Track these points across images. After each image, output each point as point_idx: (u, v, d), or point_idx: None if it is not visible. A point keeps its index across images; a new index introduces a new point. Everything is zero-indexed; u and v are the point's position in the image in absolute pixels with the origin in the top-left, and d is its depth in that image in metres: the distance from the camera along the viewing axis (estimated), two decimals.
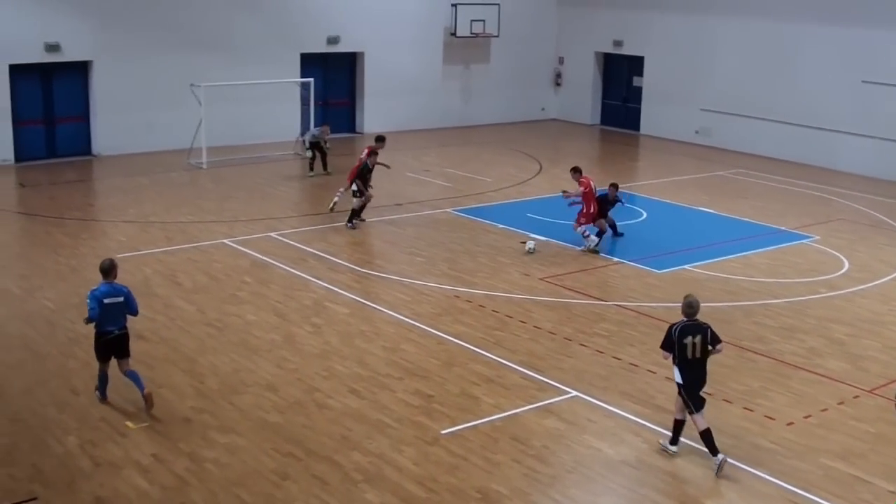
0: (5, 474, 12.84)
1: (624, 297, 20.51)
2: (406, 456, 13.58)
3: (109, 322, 14.83)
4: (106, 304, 14.71)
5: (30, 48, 32.19)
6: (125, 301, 14.91)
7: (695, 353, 13.57)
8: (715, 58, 38.54)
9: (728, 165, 35.12)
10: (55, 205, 27.06)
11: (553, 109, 45.77)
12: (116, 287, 14.91)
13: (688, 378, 13.61)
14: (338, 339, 17.87)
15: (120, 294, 14.87)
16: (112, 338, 14.90)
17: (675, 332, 13.58)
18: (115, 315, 14.86)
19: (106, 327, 14.83)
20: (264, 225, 25.39)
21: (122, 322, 14.96)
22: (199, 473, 12.99)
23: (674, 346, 13.57)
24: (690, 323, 13.66)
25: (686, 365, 13.60)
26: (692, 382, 13.64)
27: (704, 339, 13.63)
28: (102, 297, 14.69)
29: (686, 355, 13.56)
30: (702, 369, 13.72)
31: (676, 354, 13.58)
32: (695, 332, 13.58)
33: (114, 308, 14.81)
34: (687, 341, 13.53)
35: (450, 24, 41.20)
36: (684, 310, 13.80)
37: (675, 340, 13.55)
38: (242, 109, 35.21)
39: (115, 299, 14.79)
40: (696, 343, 13.56)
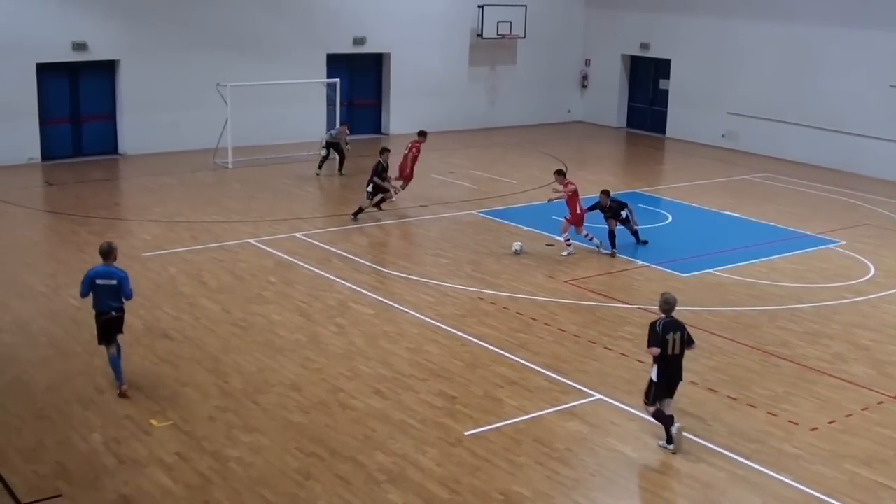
0: (30, 471, 12.89)
1: (649, 300, 20.34)
2: (429, 457, 13.58)
3: (106, 302, 15.19)
4: (98, 285, 15.07)
5: (57, 47, 32.34)
6: (118, 284, 15.14)
7: (674, 349, 13.91)
8: (742, 61, 38.36)
9: (754, 169, 34.98)
10: (81, 203, 27.19)
11: (579, 112, 45.68)
12: (111, 270, 15.17)
13: (665, 374, 13.95)
14: (362, 339, 17.88)
15: (114, 277, 15.13)
16: (109, 318, 15.26)
17: (660, 329, 13.83)
18: (109, 297, 15.16)
19: (103, 307, 15.21)
20: (289, 225, 25.43)
21: (118, 304, 15.26)
22: (223, 472, 13.01)
23: (660, 342, 13.82)
24: (670, 320, 13.95)
25: (665, 361, 13.91)
26: (670, 378, 14.02)
27: (682, 337, 13.96)
28: (95, 278, 15.07)
29: (667, 352, 13.86)
30: (679, 365, 14.09)
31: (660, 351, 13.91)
32: (675, 329, 13.92)
33: (107, 290, 15.12)
34: (669, 338, 13.84)
35: (476, 26, 41.15)
36: (662, 307, 14.06)
37: (660, 337, 13.79)
38: (269, 109, 35.28)
39: (108, 281, 15.09)
40: (677, 340, 13.90)
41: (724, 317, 19.56)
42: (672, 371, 14.02)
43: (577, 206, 23.49)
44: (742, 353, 17.70)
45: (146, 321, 18.45)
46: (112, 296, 15.19)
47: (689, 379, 16.15)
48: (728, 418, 15.04)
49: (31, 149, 32.44)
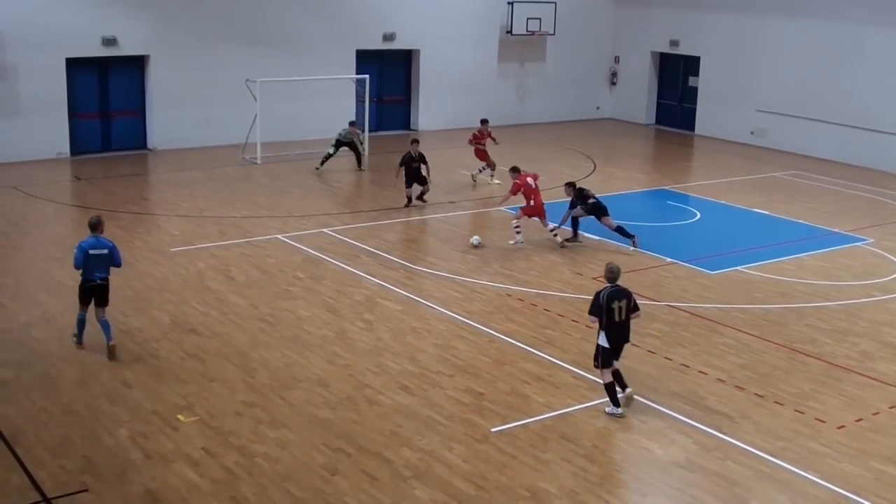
0: (57, 466, 12.92)
1: (676, 297, 20.38)
2: (456, 453, 13.56)
3: (94, 271, 16.56)
4: (91, 255, 16.49)
5: (87, 42, 32.48)
6: (109, 253, 16.63)
7: (620, 315, 14.66)
8: (771, 58, 38.16)
9: (783, 167, 34.78)
10: (110, 198, 27.32)
11: (608, 109, 45.58)
12: (102, 241, 16.65)
13: (613, 340, 14.71)
14: (389, 335, 17.88)
15: (104, 247, 16.63)
16: (94, 285, 16.63)
17: (603, 298, 14.61)
18: (99, 266, 16.58)
19: (90, 276, 16.57)
20: (317, 221, 25.46)
21: (105, 274, 16.66)
22: (249, 467, 13.02)
23: (602, 311, 14.56)
24: (615, 288, 14.74)
25: (612, 328, 14.66)
26: (617, 343, 14.82)
27: (628, 304, 14.74)
28: (88, 249, 16.49)
29: (613, 318, 14.62)
30: (626, 330, 14.88)
31: (604, 319, 14.59)
32: (620, 296, 14.69)
33: (99, 259, 16.55)
34: (614, 306, 14.60)
35: (506, 22, 41.10)
36: (607, 276, 14.90)
37: (602, 306, 14.55)
38: (298, 105, 35.31)
39: (99, 251, 16.56)
40: (622, 307, 14.66)
41: (751, 314, 19.48)
42: (618, 336, 14.77)
43: (530, 199, 23.75)
44: (769, 351, 17.62)
45: (174, 316, 18.51)
46: (101, 265, 16.59)
47: (717, 376, 16.35)
48: (755, 416, 14.96)
49: (60, 143, 32.61)
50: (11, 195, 27.54)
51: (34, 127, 31.69)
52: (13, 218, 25.21)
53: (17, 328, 17.78)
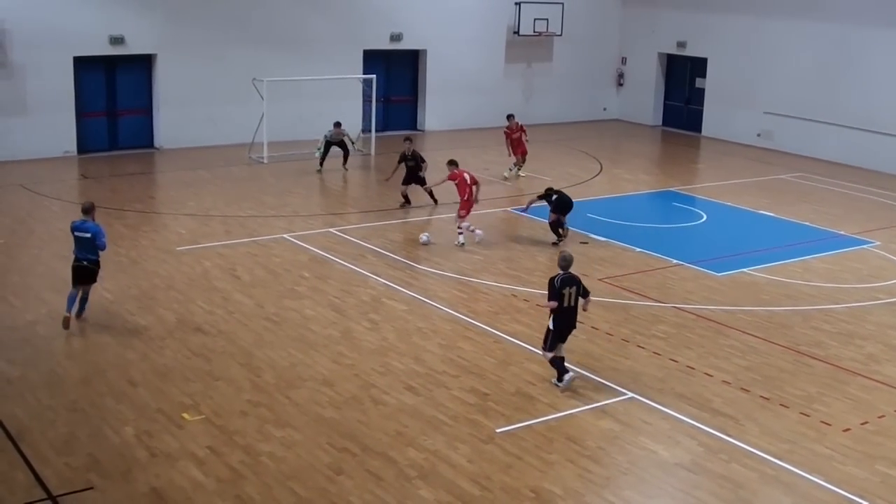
0: (62, 463, 12.94)
1: (682, 299, 20.36)
2: (461, 453, 13.55)
3: (79, 251, 17.67)
4: (75, 236, 17.62)
5: (94, 41, 32.54)
6: (92, 237, 17.49)
7: (570, 301, 15.65)
8: (778, 60, 38.12)
9: (790, 169, 34.74)
10: (116, 197, 27.33)
11: (615, 110, 45.57)
12: (86, 224, 17.57)
13: (561, 324, 15.69)
14: (395, 335, 17.87)
15: (87, 231, 17.52)
16: (80, 266, 17.68)
17: (558, 284, 15.55)
18: (83, 247, 17.59)
19: (77, 255, 17.70)
20: (324, 220, 25.49)
21: (91, 255, 17.65)
22: (255, 466, 13.03)
23: (557, 296, 15.50)
24: (567, 275, 15.67)
25: (562, 312, 15.62)
26: (566, 327, 15.78)
27: (578, 290, 15.71)
28: (74, 230, 17.68)
29: (563, 304, 15.57)
30: (574, 315, 15.83)
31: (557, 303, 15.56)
32: (571, 283, 15.66)
33: (82, 241, 17.58)
34: (566, 291, 15.57)
35: (513, 23, 41.09)
36: (560, 263, 15.78)
37: (557, 292, 15.49)
38: (304, 105, 35.28)
39: (82, 234, 17.55)
40: (573, 293, 15.65)
41: (757, 316, 19.46)
42: (567, 320, 15.73)
43: (464, 194, 23.87)
44: (775, 353, 17.59)
45: (179, 315, 18.51)
46: (86, 247, 17.58)
47: (722, 378, 16.35)
48: (760, 418, 14.95)
49: (67, 142, 32.67)
50: (18, 193, 27.61)
51: (41, 125, 31.75)
52: (20, 216, 25.25)
53: (23, 326, 17.78)
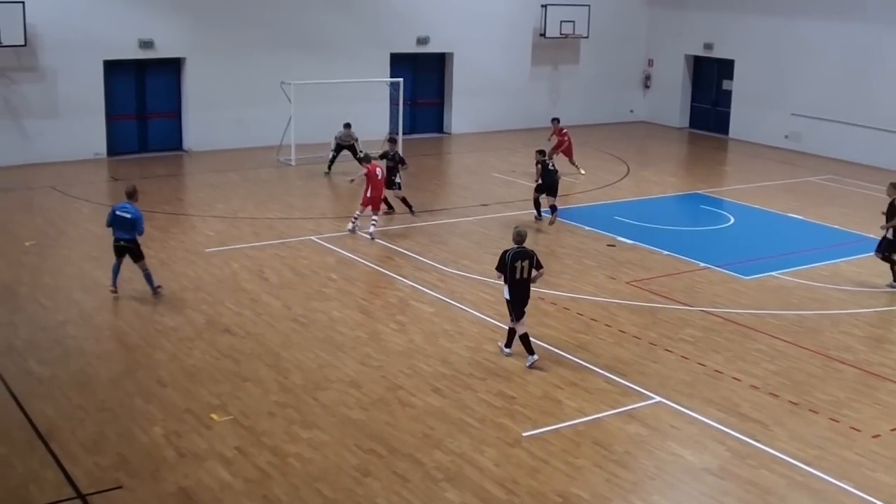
0: (91, 463, 13.05)
1: (710, 302, 20.27)
2: (487, 456, 13.55)
3: (118, 231, 19.02)
4: (117, 216, 18.95)
5: (124, 44, 32.72)
6: (132, 220, 18.84)
7: (522, 274, 16.57)
8: (807, 61, 37.88)
9: (818, 171, 34.53)
10: (145, 199, 26.73)
11: (641, 111, 45.40)
12: (128, 207, 18.95)
13: (515, 295, 16.62)
14: (422, 337, 17.88)
15: (128, 212, 18.89)
16: (118, 245, 19.09)
17: (508, 258, 16.54)
18: (123, 227, 18.93)
19: (115, 235, 19.08)
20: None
21: (129, 235, 18.95)
22: (282, 467, 13.08)
23: (507, 269, 16.48)
24: (520, 250, 16.61)
25: (515, 284, 16.58)
26: (518, 298, 16.66)
27: (531, 263, 16.65)
28: (115, 210, 19.07)
29: (516, 276, 16.52)
30: (526, 288, 16.76)
31: (508, 276, 16.52)
32: (524, 257, 16.60)
33: (122, 221, 18.92)
34: (518, 265, 16.51)
35: (539, 25, 41.01)
36: (514, 238, 16.72)
37: (508, 264, 16.46)
38: (332, 108, 35.14)
39: (123, 214, 18.90)
40: (525, 266, 16.57)
41: (785, 320, 19.36)
42: (521, 292, 16.65)
43: (369, 189, 24.18)
44: (804, 358, 17.49)
45: (208, 316, 18.61)
46: (123, 227, 18.93)
47: (751, 383, 16.27)
48: (789, 423, 14.88)
49: (97, 144, 32.85)
50: (49, 195, 27.84)
51: (72, 128, 31.97)
52: (51, 217, 25.44)
53: (54, 326, 17.92)
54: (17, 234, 23.89)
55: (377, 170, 24.24)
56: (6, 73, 31.00)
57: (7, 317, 18.36)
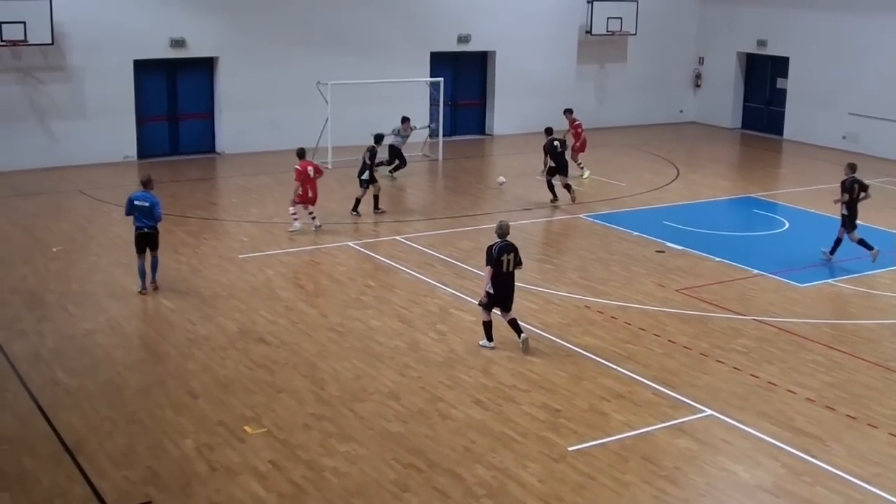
0: (121, 476, 12.92)
1: (764, 311, 19.88)
2: (531, 472, 13.33)
3: (140, 220, 19.75)
4: (136, 205, 19.74)
5: (155, 43, 32.63)
6: (151, 207, 19.69)
7: (508, 267, 17.13)
8: (865, 58, 37.29)
9: (877, 173, 33.73)
10: (177, 203, 27.33)
11: (692, 112, 44.93)
12: (147, 195, 19.79)
13: (501, 288, 17.13)
14: (463, 347, 17.65)
15: (147, 201, 19.74)
16: (141, 233, 19.78)
17: (495, 251, 17.04)
18: (143, 215, 19.70)
19: (138, 223, 19.79)
20: (390, 228, 25.33)
21: (150, 223, 19.75)
22: (318, 482, 12.92)
23: (494, 262, 16.99)
24: (505, 243, 17.13)
25: (500, 278, 17.07)
26: (504, 292, 17.18)
27: (516, 257, 17.19)
28: (134, 199, 19.80)
29: (503, 269, 17.06)
30: (512, 280, 17.30)
31: (494, 269, 17.01)
32: (509, 251, 17.15)
33: (142, 209, 19.69)
34: (504, 258, 17.04)
35: (585, 22, 40.67)
36: (497, 232, 17.28)
37: (495, 257, 16.98)
38: (370, 109, 34.97)
39: (143, 203, 19.71)
40: (511, 259, 17.13)
41: (843, 330, 18.99)
42: (505, 285, 17.18)
43: (306, 188, 24.15)
44: (862, 370, 17.10)
45: (241, 324, 18.49)
46: (145, 215, 19.68)
47: (806, 395, 16.02)
48: (847, 439, 14.53)
49: (127, 147, 32.77)
50: (77, 199, 27.85)
51: (101, 130, 31.91)
52: (79, 222, 25.45)
53: (82, 335, 17.86)
54: (44, 239, 23.87)
55: (309, 168, 24.09)
56: (33, 72, 30.93)
57: (34, 325, 18.30)
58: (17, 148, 30.73)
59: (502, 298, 17.19)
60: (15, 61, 30.39)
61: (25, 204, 27.04)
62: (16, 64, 30.43)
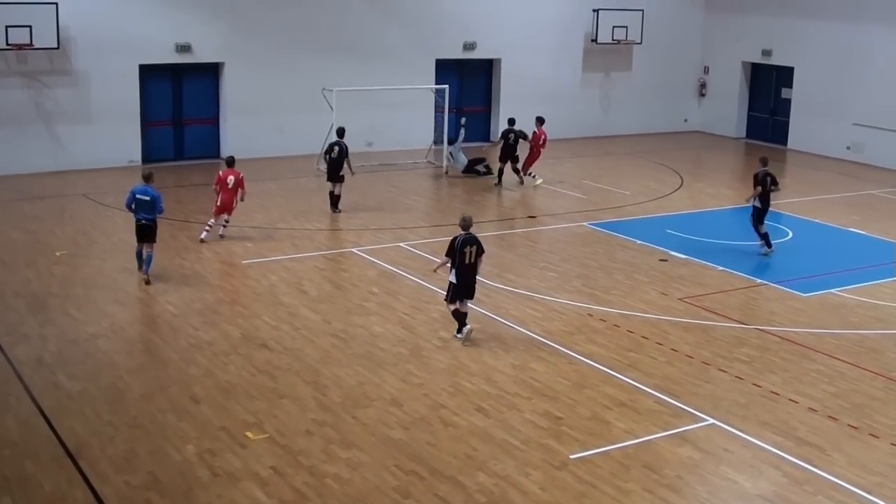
0: (122, 481, 12.85)
1: (766, 320, 19.83)
2: (532, 479, 13.25)
3: (140, 212, 20.48)
4: (138, 199, 20.48)
5: (161, 48, 32.60)
6: (152, 200, 20.47)
7: (470, 259, 17.74)
8: (869, 69, 37.22)
9: (881, 184, 33.92)
10: (181, 208, 27.31)
11: (696, 121, 44.85)
12: (148, 189, 20.52)
13: (461, 279, 17.75)
14: (465, 354, 17.56)
15: (148, 195, 20.49)
16: (140, 224, 20.55)
17: (458, 244, 17.67)
18: (143, 208, 20.45)
19: (137, 216, 20.55)
20: (394, 234, 25.25)
21: (149, 216, 20.50)
22: (319, 489, 12.83)
23: (455, 254, 17.62)
24: (468, 235, 17.78)
25: (462, 269, 17.72)
26: (466, 282, 17.83)
27: (478, 249, 17.82)
28: (136, 193, 20.54)
29: (464, 261, 17.70)
30: (473, 272, 17.93)
31: (456, 261, 17.67)
32: (471, 243, 17.78)
33: (143, 203, 20.43)
34: (466, 250, 17.68)
35: (590, 31, 40.59)
36: (461, 224, 17.88)
37: (457, 249, 17.62)
38: (375, 115, 34.99)
39: (144, 197, 20.47)
40: (473, 252, 17.74)
41: (846, 340, 18.89)
42: (467, 276, 17.82)
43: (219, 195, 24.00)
44: (865, 380, 17.01)
45: (244, 330, 18.41)
46: (145, 208, 20.42)
47: (808, 405, 15.92)
48: (849, 448, 14.46)
49: (132, 151, 32.69)
50: (81, 203, 27.80)
51: (106, 134, 31.88)
52: (82, 226, 25.38)
53: (85, 339, 17.79)
54: (47, 243, 23.81)
55: (229, 177, 24.02)
56: (38, 76, 30.91)
57: (37, 329, 18.23)
58: (22, 152, 30.72)
59: (464, 288, 17.85)
60: (21, 65, 30.36)
61: (30, 208, 27.01)
62: (21, 68, 30.41)
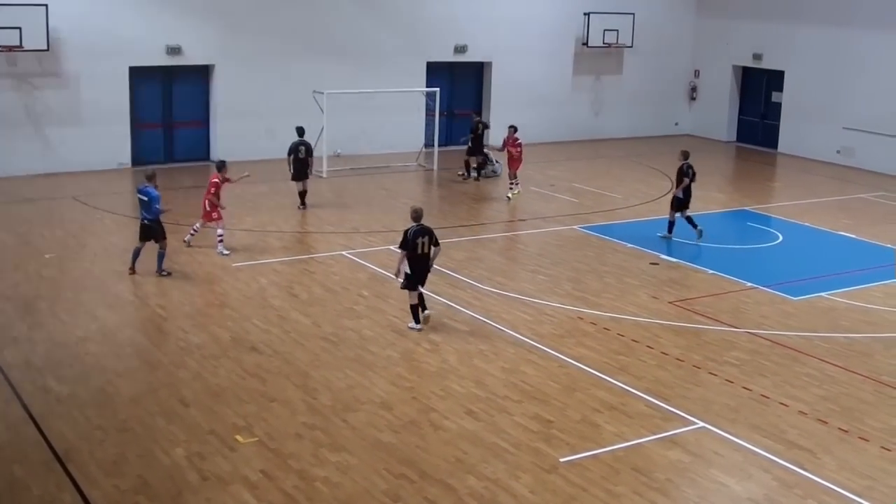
0: (111, 485, 12.81)
1: (757, 324, 19.82)
2: (522, 483, 13.25)
3: (142, 211, 21.05)
4: (138, 198, 21.12)
5: (151, 50, 32.55)
6: (148, 201, 20.73)
7: (423, 249, 18.37)
8: (859, 73, 37.32)
9: (871, 188, 33.99)
10: (171, 211, 26.97)
11: (687, 125, 44.91)
12: (147, 190, 20.84)
13: (417, 269, 18.39)
14: (456, 357, 17.56)
15: (146, 195, 20.82)
16: (142, 224, 21.05)
17: (410, 235, 18.25)
18: (142, 208, 21.02)
19: (140, 215, 21.18)
20: (384, 237, 25.16)
21: (149, 215, 20.81)
22: (309, 492, 12.81)
23: (408, 245, 18.20)
24: (420, 227, 18.36)
25: (416, 259, 18.35)
26: (419, 272, 18.45)
27: (430, 240, 18.40)
28: (138, 192, 21.26)
29: (417, 252, 18.31)
30: (426, 262, 18.52)
31: (409, 252, 18.23)
32: (424, 234, 18.39)
33: (141, 202, 21.03)
34: (419, 241, 18.30)
35: (581, 34, 40.63)
36: (412, 216, 18.46)
37: (410, 241, 18.20)
38: (366, 118, 34.99)
39: (143, 197, 20.90)
40: (426, 242, 18.36)
41: (836, 343, 18.91)
42: (421, 266, 18.46)
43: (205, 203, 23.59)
44: (855, 383, 17.05)
45: (234, 333, 18.37)
46: (144, 208, 20.93)
47: (798, 408, 15.96)
48: (838, 452, 14.50)
49: (121, 154, 32.64)
50: (71, 206, 27.73)
51: (96, 136, 31.80)
52: (72, 229, 25.29)
53: (74, 343, 17.73)
54: (37, 246, 23.74)
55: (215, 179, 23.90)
56: (28, 78, 30.83)
57: (25, 332, 18.17)
58: (11, 154, 30.62)
59: (418, 278, 18.46)
60: (10, 67, 30.29)
61: (19, 210, 26.94)
62: (11, 70, 30.34)
